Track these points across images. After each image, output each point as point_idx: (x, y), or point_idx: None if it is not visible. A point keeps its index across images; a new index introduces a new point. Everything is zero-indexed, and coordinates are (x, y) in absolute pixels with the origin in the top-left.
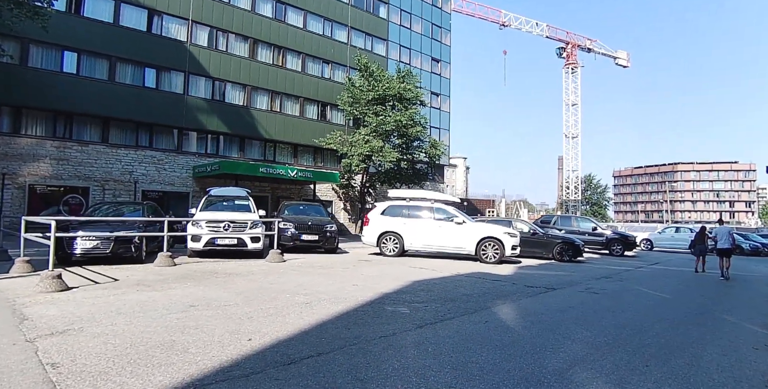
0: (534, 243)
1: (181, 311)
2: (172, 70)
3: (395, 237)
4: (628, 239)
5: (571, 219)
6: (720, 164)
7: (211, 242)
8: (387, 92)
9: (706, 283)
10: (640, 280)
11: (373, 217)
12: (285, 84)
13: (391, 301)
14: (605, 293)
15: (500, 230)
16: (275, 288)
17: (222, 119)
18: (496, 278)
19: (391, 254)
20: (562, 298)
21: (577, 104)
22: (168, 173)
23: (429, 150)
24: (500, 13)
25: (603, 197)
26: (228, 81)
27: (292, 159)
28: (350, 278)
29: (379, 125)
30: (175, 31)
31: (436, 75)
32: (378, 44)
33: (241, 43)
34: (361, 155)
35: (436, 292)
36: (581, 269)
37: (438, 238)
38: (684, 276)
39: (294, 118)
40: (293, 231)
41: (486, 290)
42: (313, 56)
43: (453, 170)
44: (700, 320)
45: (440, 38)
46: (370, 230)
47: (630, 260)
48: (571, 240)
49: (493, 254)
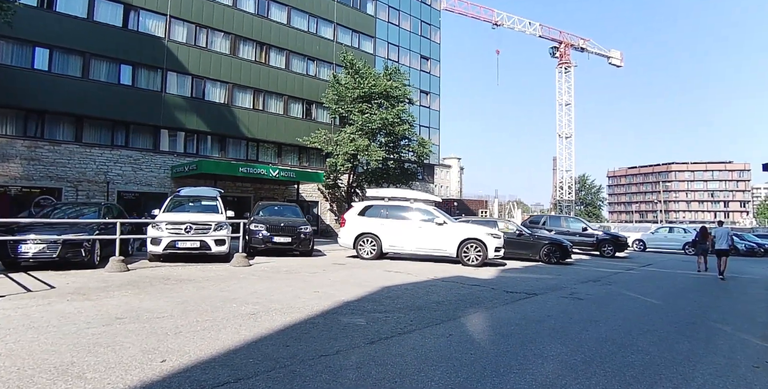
0: (520, 244)
1: (103, 325)
2: (149, 67)
3: (373, 239)
4: (619, 239)
5: (560, 219)
6: (714, 164)
7: (171, 245)
8: (373, 90)
9: (699, 286)
10: (629, 284)
11: (350, 218)
12: (268, 81)
13: (349, 311)
14: (590, 299)
15: (483, 231)
16: (224, 297)
17: (202, 117)
18: (475, 282)
19: (368, 257)
20: (542, 305)
21: (571, 103)
22: (145, 174)
23: (417, 149)
24: (493, 13)
25: (597, 198)
26: (208, 78)
27: (276, 159)
28: (314, 285)
29: (365, 123)
30: (152, 26)
31: (425, 73)
32: (365, 41)
33: (222, 40)
34: (346, 154)
35: (404, 300)
36: (568, 271)
37: (417, 240)
38: (676, 279)
39: (278, 116)
40: (265, 233)
41: (460, 297)
42: (297, 53)
43: (447, 171)
44: (691, 331)
45: (429, 36)
46: (347, 232)
47: (621, 262)
48: (559, 241)
49: (475, 257)
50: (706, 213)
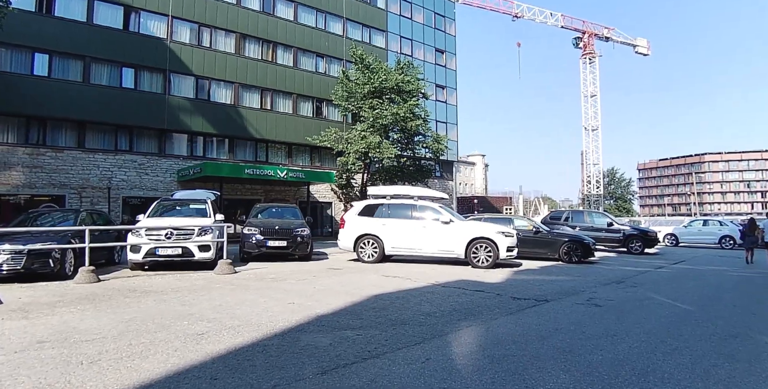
0: (537, 243)
1: (16, 351)
2: (152, 70)
3: (374, 241)
4: (648, 234)
5: (583, 214)
6: (750, 153)
7: (151, 253)
8: (384, 85)
9: (739, 286)
10: (658, 285)
11: (350, 218)
12: (276, 80)
13: (317, 327)
14: (610, 306)
15: (493, 230)
16: (181, 312)
17: (208, 119)
18: (480, 287)
19: (369, 260)
20: (551, 315)
21: (596, 95)
22: (150, 178)
23: (432, 145)
24: (512, 4)
25: (627, 191)
26: (213, 79)
27: (286, 159)
28: (294, 295)
29: (376, 119)
30: (153, 28)
31: (440, 67)
32: (376, 36)
33: (226, 39)
34: (357, 152)
35: (390, 311)
36: (590, 272)
37: (422, 240)
38: (712, 278)
39: (287, 116)
40: (258, 237)
41: (457, 307)
42: (305, 50)
43: (471, 168)
44: (732, 348)
45: (444, 28)
46: (346, 234)
47: (650, 259)
48: (580, 238)
49: (486, 258)
50: (743, 205)
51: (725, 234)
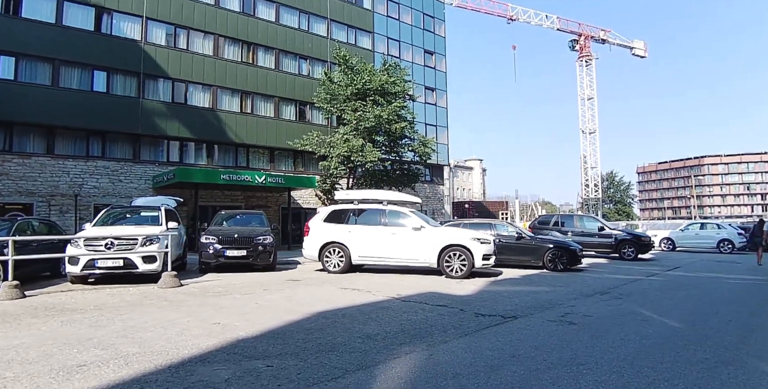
0: (521, 249)
1: None
2: (125, 73)
3: (340, 249)
4: (641, 239)
5: (573, 219)
6: (750, 155)
7: (90, 265)
8: (368, 86)
9: (737, 296)
10: (646, 296)
11: (314, 225)
12: (257, 83)
13: (226, 356)
14: (586, 323)
15: (467, 236)
16: (82, 336)
17: (185, 123)
18: (445, 301)
19: (335, 270)
20: (514, 337)
21: (593, 97)
22: (124, 185)
23: (418, 148)
24: (507, 7)
25: (627, 195)
26: (190, 82)
27: (268, 165)
28: (226, 313)
29: (359, 121)
30: (127, 29)
31: (430, 68)
32: (362, 37)
33: (204, 40)
34: (340, 156)
35: (324, 334)
36: (575, 280)
37: (391, 248)
38: (708, 286)
39: (268, 119)
40: (216, 246)
41: (407, 326)
42: (288, 52)
43: (469, 173)
44: (721, 379)
45: (433, 29)
46: (311, 242)
47: (643, 266)
48: (565, 244)
49: (459, 267)
50: (743, 207)
51: (723, 238)
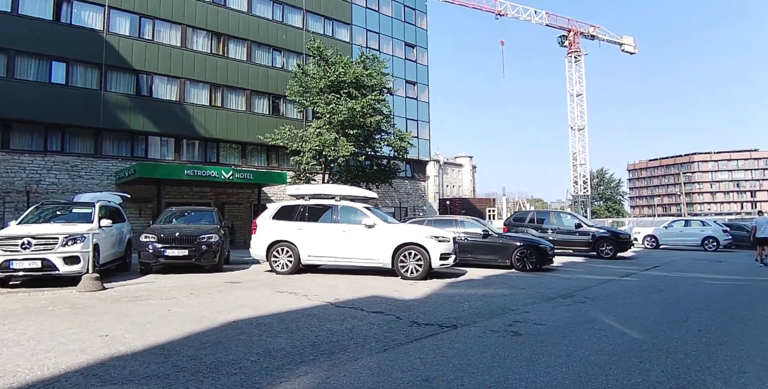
0: (487, 248)
1: None
2: (86, 64)
3: (288, 248)
4: (620, 237)
5: (549, 215)
6: (739, 152)
7: (5, 267)
8: (342, 78)
9: (714, 299)
10: (613, 300)
11: (262, 222)
12: (227, 75)
13: (76, 381)
14: (533, 334)
15: (423, 234)
16: None
17: (150, 116)
18: (385, 307)
19: (283, 271)
20: (439, 353)
21: (582, 94)
22: (85, 181)
23: (394, 143)
24: (495, 2)
25: (617, 192)
26: (156, 74)
27: (239, 160)
28: (127, 322)
29: (331, 115)
30: (88, 18)
31: (411, 62)
32: (340, 29)
33: (171, 31)
34: (312, 150)
35: (218, 349)
36: (541, 282)
37: (343, 247)
38: (684, 288)
39: (240, 113)
40: (156, 245)
41: (322, 339)
42: (261, 43)
43: (459, 170)
44: None
45: (415, 21)
46: (258, 240)
47: (620, 265)
48: (534, 242)
49: (415, 267)
50: (733, 204)
51: (708, 235)
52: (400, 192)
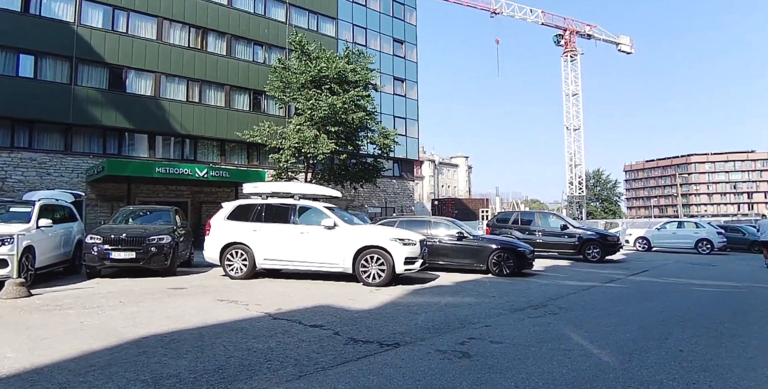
0: (462, 251)
1: None
2: (56, 57)
3: (243, 251)
4: (608, 239)
5: (534, 216)
6: (736, 153)
7: None
8: (324, 73)
9: (704, 310)
10: (589, 311)
11: (216, 223)
12: (206, 70)
13: None
14: (487, 354)
15: (386, 236)
16: None
17: (123, 112)
18: (327, 319)
19: (237, 276)
20: (363, 381)
21: (578, 94)
22: (54, 179)
23: (378, 140)
24: (491, 0)
25: (613, 193)
26: (130, 68)
27: (218, 158)
28: (24, 337)
29: (311, 111)
30: (59, 10)
31: (399, 58)
32: (325, 23)
33: (146, 23)
34: (291, 148)
35: (104, 374)
36: (515, 289)
37: (301, 250)
38: (672, 297)
39: (219, 109)
40: (102, 247)
41: (234, 361)
42: (242, 37)
43: (455, 170)
44: None
45: (403, 17)
46: (211, 242)
47: (607, 269)
48: (512, 245)
49: (377, 272)
50: (729, 206)
51: (702, 237)
52: (388, 192)
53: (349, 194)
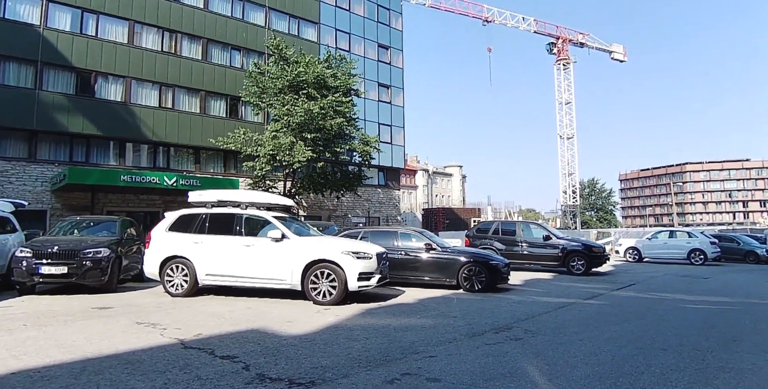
0: (431, 264)
1: None
2: (20, 61)
3: (184, 266)
4: (593, 250)
5: (515, 226)
6: (731, 162)
7: None
8: (302, 78)
9: (691, 333)
10: (557, 336)
11: (157, 235)
12: (179, 75)
13: None
14: None
15: (338, 249)
16: None
17: (91, 118)
18: (247, 348)
19: (178, 293)
20: None
21: (571, 102)
22: (16, 188)
23: (359, 148)
24: (483, 8)
25: (608, 202)
26: (99, 72)
27: (193, 166)
28: None
29: (286, 116)
30: (24, 12)
31: (384, 64)
32: (307, 28)
33: (117, 27)
34: (266, 155)
35: None
36: (482, 307)
37: (245, 265)
38: (656, 316)
39: (194, 115)
40: (31, 261)
41: None
42: (218, 42)
43: (449, 180)
44: None
45: (389, 22)
46: (151, 256)
47: (591, 283)
48: (484, 258)
49: (328, 290)
50: (725, 215)
51: (695, 247)
52: (372, 202)
53: (331, 204)
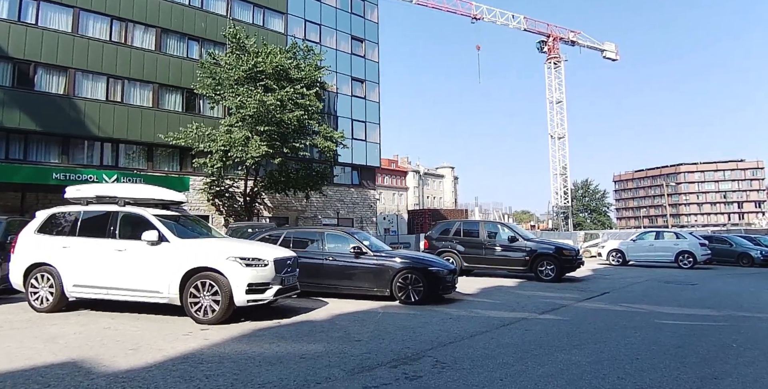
0: (359, 272)
1: None
2: None
3: (49, 275)
4: (564, 253)
5: (478, 226)
6: (725, 162)
7: None
8: (259, 68)
9: (661, 361)
10: (474, 373)
11: (24, 238)
12: (130, 66)
13: None
14: None
15: (222, 255)
16: None
17: (29, 112)
18: (70, 383)
19: (43, 308)
20: None
21: (562, 101)
22: None
23: (320, 143)
24: (471, 6)
25: (602, 203)
26: (39, 63)
27: (145, 164)
28: None
29: (238, 108)
30: None
31: (358, 57)
32: (273, 18)
33: (60, 14)
34: (219, 151)
35: None
36: (407, 326)
37: (116, 273)
38: (619, 339)
39: (145, 110)
40: None
41: None
42: (174, 32)
43: (440, 181)
44: None
45: (364, 13)
46: (15, 263)
47: (557, 291)
48: (423, 264)
49: (211, 305)
50: (719, 216)
51: (683, 249)
52: (345, 202)
53: (300, 205)
